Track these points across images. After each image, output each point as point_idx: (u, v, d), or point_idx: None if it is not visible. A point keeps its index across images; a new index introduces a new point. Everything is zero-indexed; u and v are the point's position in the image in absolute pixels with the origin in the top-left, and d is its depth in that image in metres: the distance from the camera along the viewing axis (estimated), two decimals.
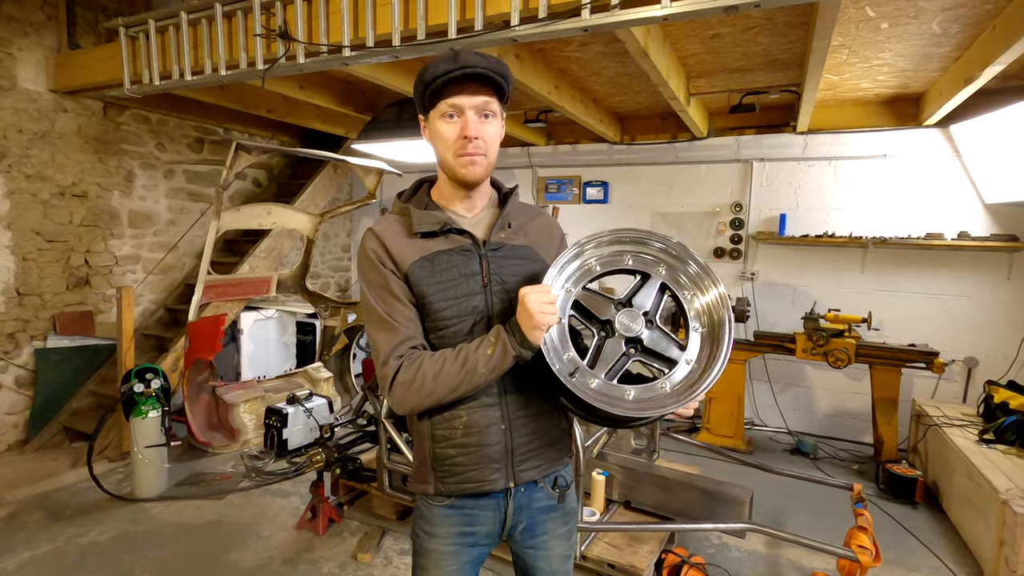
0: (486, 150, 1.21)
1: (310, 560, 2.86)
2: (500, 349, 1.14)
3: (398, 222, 1.27)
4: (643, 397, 1.16)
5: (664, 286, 1.25)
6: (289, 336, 5.44)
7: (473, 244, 1.25)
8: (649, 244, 1.28)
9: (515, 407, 1.25)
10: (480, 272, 1.24)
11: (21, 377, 4.13)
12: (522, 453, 1.27)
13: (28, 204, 4.05)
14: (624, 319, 1.21)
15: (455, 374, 1.14)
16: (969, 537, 3.05)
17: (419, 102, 1.24)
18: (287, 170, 6.09)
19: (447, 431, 1.24)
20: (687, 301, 1.24)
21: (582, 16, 2.29)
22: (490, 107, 1.20)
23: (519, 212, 1.36)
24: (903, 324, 4.43)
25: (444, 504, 1.28)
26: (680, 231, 5.24)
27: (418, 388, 1.15)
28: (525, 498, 1.31)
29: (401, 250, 1.22)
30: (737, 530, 2.68)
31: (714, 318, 1.21)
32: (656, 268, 1.26)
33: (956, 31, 2.98)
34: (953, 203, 4.27)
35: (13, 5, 3.88)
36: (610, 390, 1.16)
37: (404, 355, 1.18)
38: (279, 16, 2.92)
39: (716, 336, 1.20)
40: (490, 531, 1.30)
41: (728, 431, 4.39)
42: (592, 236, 1.26)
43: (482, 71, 1.15)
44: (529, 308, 1.10)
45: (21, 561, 2.80)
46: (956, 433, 3.44)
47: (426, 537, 1.29)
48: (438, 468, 1.25)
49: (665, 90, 3.55)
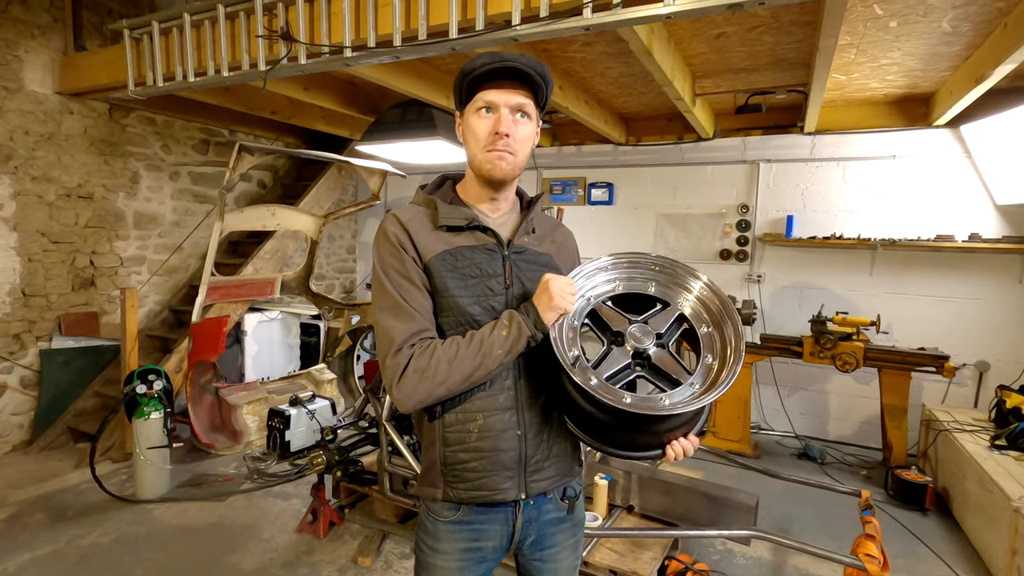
0: (515, 149, 1.19)
1: (310, 563, 2.84)
2: (515, 329, 1.12)
3: (423, 213, 1.25)
4: (640, 404, 1.14)
5: (683, 317, 1.25)
6: (293, 338, 5.44)
7: (497, 244, 1.23)
8: (675, 275, 1.28)
9: (531, 415, 1.23)
10: (503, 273, 1.22)
11: (26, 378, 4.15)
12: (535, 463, 1.23)
13: (34, 205, 4.08)
14: (636, 331, 1.21)
15: (471, 358, 1.11)
16: (980, 545, 2.98)
17: (456, 96, 1.22)
18: (292, 172, 6.11)
19: (461, 434, 1.20)
20: (703, 335, 1.23)
21: (584, 15, 2.26)
22: (526, 108, 1.19)
23: (542, 220, 1.36)
24: (913, 327, 4.36)
25: (450, 520, 1.23)
26: (686, 233, 5.20)
27: (431, 376, 1.10)
28: (534, 510, 1.28)
29: (425, 240, 1.20)
30: (742, 537, 2.63)
31: (726, 355, 1.20)
32: (678, 299, 1.26)
33: (967, 29, 2.93)
34: (964, 204, 4.21)
35: (20, 8, 3.91)
36: (608, 391, 1.14)
37: (417, 344, 1.14)
38: (281, 17, 2.92)
39: (723, 368, 1.19)
40: (497, 545, 1.27)
41: (734, 435, 4.34)
42: (619, 255, 1.29)
43: (521, 67, 1.13)
44: (550, 290, 1.12)
45: (22, 562, 2.80)
46: (967, 439, 3.38)
47: (431, 552, 1.25)
48: (448, 473, 1.21)
49: (670, 90, 3.52)
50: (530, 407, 1.23)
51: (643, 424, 1.15)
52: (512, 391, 1.22)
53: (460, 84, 1.19)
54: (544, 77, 1.18)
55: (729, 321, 1.22)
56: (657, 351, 1.20)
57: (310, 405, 3.98)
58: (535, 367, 1.23)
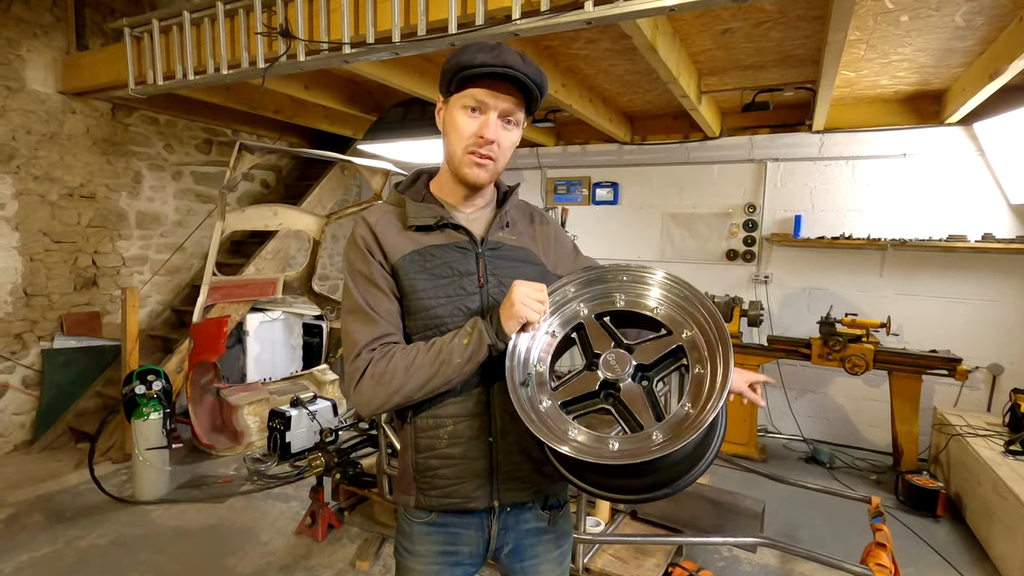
0: (498, 156, 1.15)
1: (308, 567, 2.81)
2: (476, 338, 1.07)
3: (392, 213, 1.21)
4: (586, 443, 1.01)
5: (680, 350, 1.09)
6: (295, 338, 5.41)
7: (470, 242, 1.19)
8: (685, 298, 1.12)
9: (503, 421, 1.17)
10: (476, 272, 1.17)
11: (28, 377, 4.14)
12: (507, 471, 1.18)
13: (36, 205, 4.07)
14: (611, 358, 1.07)
15: (428, 365, 1.07)
16: (994, 553, 2.90)
17: (444, 83, 1.15)
18: (295, 171, 6.09)
19: (431, 440, 1.16)
20: (694, 375, 1.05)
21: (585, 8, 2.21)
22: (515, 115, 1.14)
23: (519, 211, 1.31)
24: (924, 329, 4.27)
25: (425, 520, 1.20)
26: (692, 233, 5.13)
27: (387, 382, 1.06)
28: (511, 519, 1.23)
29: (393, 242, 1.15)
30: (748, 544, 2.57)
31: (707, 403, 1.00)
32: (682, 330, 1.10)
33: (980, 23, 2.86)
34: (977, 204, 4.12)
35: (22, 7, 3.91)
36: (555, 417, 1.04)
37: (377, 349, 1.10)
38: (280, 14, 2.89)
39: (696, 419, 0.99)
40: (473, 551, 1.22)
41: (740, 438, 4.26)
42: (630, 265, 1.17)
43: (522, 77, 1.08)
44: (513, 297, 1.06)
45: (19, 564, 2.78)
46: (980, 443, 3.30)
47: (407, 555, 1.22)
48: (420, 479, 1.18)
49: (675, 88, 3.46)
50: (503, 413, 1.16)
51: (590, 469, 1.02)
52: (483, 396, 1.17)
53: (453, 74, 1.11)
54: (541, 89, 1.13)
55: (721, 355, 1.03)
56: (629, 385, 1.06)
57: (311, 406, 3.96)
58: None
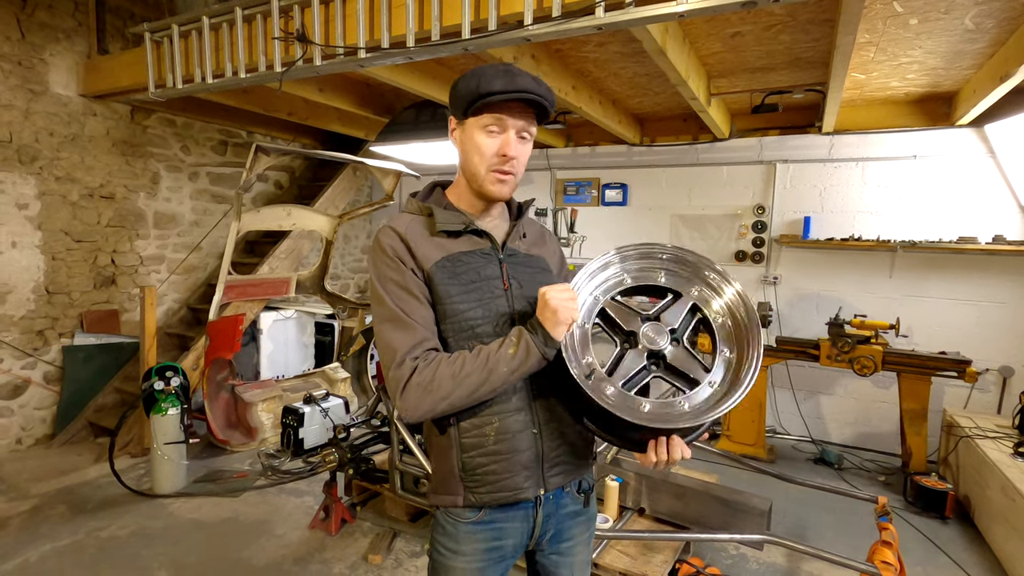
0: (517, 170, 1.21)
1: (322, 560, 2.87)
2: (523, 349, 1.10)
3: (417, 221, 1.25)
4: (659, 412, 1.12)
5: (696, 307, 1.21)
6: (308, 336, 5.49)
7: (492, 248, 1.25)
8: (686, 263, 1.25)
9: (543, 411, 1.24)
10: (500, 275, 1.24)
11: (49, 373, 4.24)
12: (552, 458, 1.25)
13: (58, 205, 4.17)
14: (649, 331, 1.18)
15: (475, 374, 1.09)
16: (1003, 555, 2.91)
17: (459, 107, 1.18)
18: (308, 172, 6.17)
19: (478, 439, 1.20)
20: (718, 325, 1.19)
21: (596, 14, 2.25)
22: (529, 130, 1.20)
23: (529, 225, 1.38)
24: (933, 331, 4.27)
25: (472, 520, 1.23)
26: (701, 234, 5.15)
27: (435, 390, 1.09)
28: (553, 505, 1.29)
29: (424, 251, 1.20)
30: (755, 541, 2.60)
31: (743, 345, 1.16)
32: (690, 288, 1.22)
33: (991, 26, 2.86)
34: (987, 206, 4.11)
35: (46, 12, 4.01)
36: (625, 400, 1.12)
37: (420, 356, 1.13)
38: (297, 19, 2.95)
39: (742, 363, 1.14)
40: (517, 543, 1.27)
41: (749, 439, 4.28)
42: (624, 247, 1.25)
43: (537, 99, 1.15)
44: (552, 305, 1.09)
45: (43, 553, 2.86)
46: (990, 445, 3.30)
47: (450, 555, 1.24)
48: (468, 479, 1.21)
49: (684, 90, 3.49)
50: (542, 404, 1.24)
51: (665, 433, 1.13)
52: (524, 391, 1.22)
53: (470, 100, 1.15)
54: (552, 105, 1.19)
55: (743, 307, 1.18)
56: (672, 349, 1.17)
57: (324, 403, 4.02)
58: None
